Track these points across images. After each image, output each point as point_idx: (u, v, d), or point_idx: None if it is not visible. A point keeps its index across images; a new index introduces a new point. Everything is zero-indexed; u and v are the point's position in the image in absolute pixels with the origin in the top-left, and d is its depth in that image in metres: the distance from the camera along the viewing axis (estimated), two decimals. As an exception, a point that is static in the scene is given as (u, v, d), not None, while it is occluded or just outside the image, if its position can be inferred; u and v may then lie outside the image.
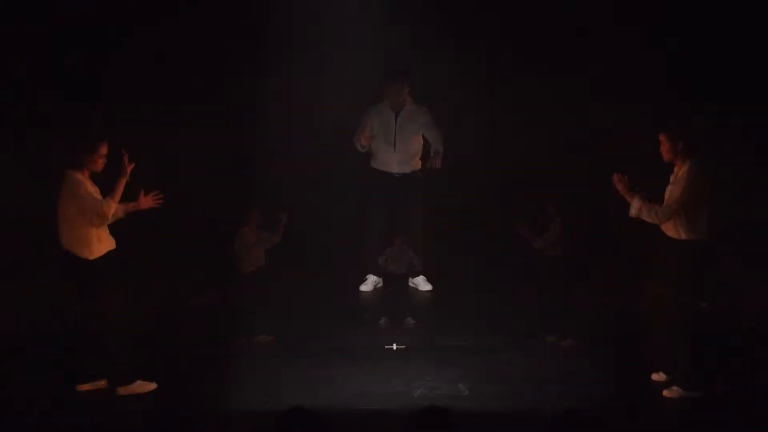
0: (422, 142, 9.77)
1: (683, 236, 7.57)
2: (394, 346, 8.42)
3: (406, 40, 10.53)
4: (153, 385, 7.66)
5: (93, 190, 7.62)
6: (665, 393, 7.62)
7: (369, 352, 8.36)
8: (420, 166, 9.76)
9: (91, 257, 7.57)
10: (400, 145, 9.65)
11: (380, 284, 9.89)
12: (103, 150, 7.58)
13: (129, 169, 7.63)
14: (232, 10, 10.38)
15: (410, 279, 9.92)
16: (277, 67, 10.55)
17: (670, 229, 7.63)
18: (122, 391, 7.62)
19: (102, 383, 7.70)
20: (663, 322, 7.72)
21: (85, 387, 7.71)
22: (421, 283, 9.91)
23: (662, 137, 7.66)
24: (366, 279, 9.89)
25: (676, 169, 7.69)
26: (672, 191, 7.62)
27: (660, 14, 10.19)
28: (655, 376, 7.87)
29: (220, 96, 10.54)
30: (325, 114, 10.79)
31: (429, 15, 10.55)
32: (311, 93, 10.81)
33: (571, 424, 5.09)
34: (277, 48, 10.49)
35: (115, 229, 7.80)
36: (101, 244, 7.63)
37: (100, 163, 7.61)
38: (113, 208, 7.58)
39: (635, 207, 7.69)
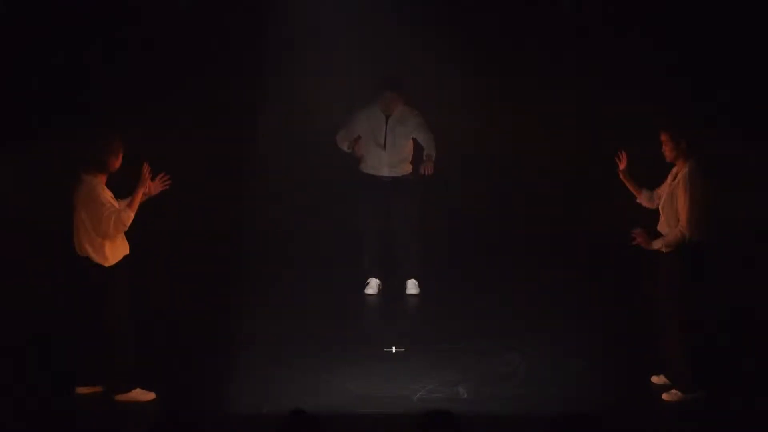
0: (413, 146, 9.69)
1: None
2: (393, 349, 8.42)
3: (405, 41, 10.53)
4: (152, 395, 7.60)
5: (109, 196, 7.49)
6: (665, 396, 7.61)
7: (368, 354, 8.35)
8: (411, 171, 9.68)
9: (107, 264, 7.48)
10: (390, 149, 9.54)
11: (382, 287, 9.84)
12: (120, 151, 7.43)
13: (148, 179, 7.49)
14: (232, 9, 10.39)
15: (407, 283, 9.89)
16: (276, 67, 10.55)
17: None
18: (120, 398, 7.58)
19: (100, 388, 7.66)
20: (662, 324, 7.70)
21: (84, 390, 7.66)
22: (409, 287, 9.82)
23: (664, 137, 7.59)
24: (368, 282, 9.83)
25: (675, 169, 7.63)
26: (679, 200, 7.47)
27: (662, 13, 10.18)
28: (654, 379, 7.87)
29: (219, 96, 10.54)
30: (324, 114, 10.78)
31: (428, 14, 10.54)
32: (311, 93, 10.80)
33: (570, 427, 5.08)
34: (276, 48, 10.50)
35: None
36: (117, 250, 7.52)
37: (117, 165, 7.45)
38: (132, 218, 7.43)
39: (662, 246, 7.54)
